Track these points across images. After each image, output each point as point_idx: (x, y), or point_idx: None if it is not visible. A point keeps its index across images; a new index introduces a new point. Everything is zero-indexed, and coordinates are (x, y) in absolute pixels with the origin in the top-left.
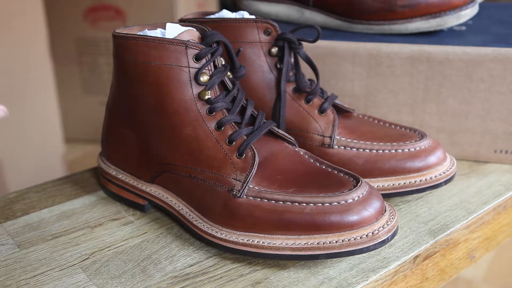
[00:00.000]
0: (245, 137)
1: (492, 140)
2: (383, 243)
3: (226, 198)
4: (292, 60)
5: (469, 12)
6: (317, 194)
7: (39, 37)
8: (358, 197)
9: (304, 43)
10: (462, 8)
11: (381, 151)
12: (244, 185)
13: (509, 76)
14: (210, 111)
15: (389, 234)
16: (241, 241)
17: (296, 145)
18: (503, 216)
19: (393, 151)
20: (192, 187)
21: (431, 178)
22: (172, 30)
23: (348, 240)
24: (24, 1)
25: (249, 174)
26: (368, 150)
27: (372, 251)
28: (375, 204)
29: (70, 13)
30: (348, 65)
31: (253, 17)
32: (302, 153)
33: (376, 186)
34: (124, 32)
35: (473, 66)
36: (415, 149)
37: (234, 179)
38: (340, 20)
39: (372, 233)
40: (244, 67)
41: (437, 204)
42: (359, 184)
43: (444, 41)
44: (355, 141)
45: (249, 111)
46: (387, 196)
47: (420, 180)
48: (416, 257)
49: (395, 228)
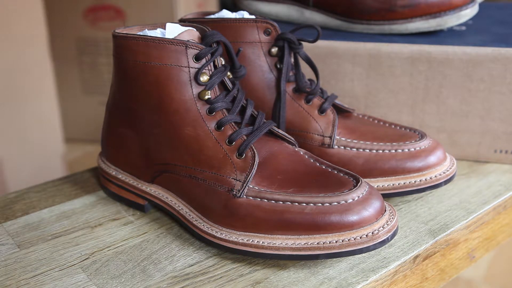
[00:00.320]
0: (245, 137)
1: (492, 140)
2: (383, 243)
3: (226, 198)
4: (292, 60)
5: (469, 12)
6: (317, 194)
7: (39, 37)
8: (358, 197)
9: (304, 43)
10: (462, 8)
11: (381, 151)
12: (244, 185)
13: (509, 76)
14: (210, 111)
15: (389, 234)
16: (241, 241)
17: (296, 145)
18: (503, 216)
19: (393, 151)
20: (192, 187)
21: (431, 178)
22: (172, 30)
23: (348, 240)
24: (24, 1)
25: (249, 174)
26: (368, 150)
27: (372, 251)
28: (375, 204)
29: (70, 13)
30: (348, 65)
31: (253, 17)
32: (302, 153)
33: (376, 186)
34: (124, 32)
35: (473, 66)
36: (415, 149)
37: (234, 179)
38: (340, 20)
39: (372, 233)
40: (244, 67)
41: (437, 204)
42: (359, 184)
43: (444, 41)
44: (355, 141)
45: (249, 111)
46: (387, 196)
47: (420, 180)
48: (416, 257)
49: (395, 228)
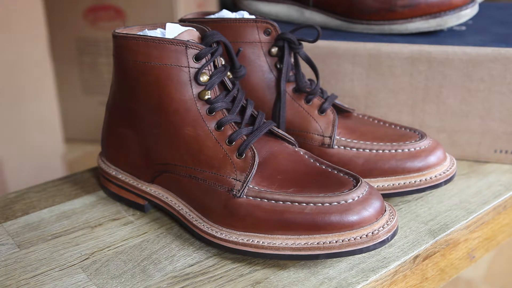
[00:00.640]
0: (245, 137)
1: (492, 140)
2: (383, 243)
3: (226, 198)
4: (292, 60)
5: (469, 12)
6: (317, 194)
7: (39, 37)
8: (358, 197)
9: (304, 43)
10: (462, 8)
11: (381, 151)
12: (244, 185)
13: (509, 76)
14: (210, 111)
15: (389, 234)
16: (241, 241)
17: (296, 145)
18: (503, 216)
19: (393, 151)
20: (192, 187)
21: (431, 178)
22: (172, 30)
23: (348, 240)
24: (24, 1)
25: (249, 174)
26: (368, 150)
27: (372, 251)
28: (375, 204)
29: (70, 13)
30: (348, 65)
31: (253, 17)
32: (302, 153)
33: (376, 186)
34: (124, 32)
35: (473, 66)
36: (415, 149)
37: (234, 179)
38: (340, 20)
39: (372, 233)
40: (244, 67)
41: (437, 204)
42: (359, 184)
43: (444, 41)
44: (355, 141)
45: (249, 111)
46: (387, 196)
47: (420, 180)
48: (416, 257)
49: (395, 228)
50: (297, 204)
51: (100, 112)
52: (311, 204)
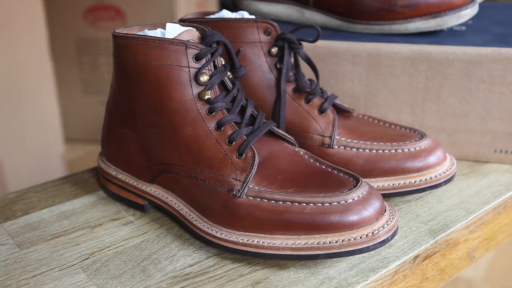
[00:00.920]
0: (245, 137)
1: (492, 140)
2: (383, 243)
3: (226, 198)
4: (292, 60)
5: (469, 12)
6: (317, 194)
7: (39, 37)
8: (358, 197)
9: (304, 43)
10: (462, 8)
11: (381, 151)
12: (244, 185)
13: (509, 76)
14: (210, 111)
15: (389, 234)
16: (241, 241)
17: (296, 145)
18: (503, 216)
19: (393, 151)
20: (192, 187)
21: (431, 178)
22: (172, 30)
23: (348, 240)
24: (24, 1)
25: (249, 174)
26: (368, 150)
27: (372, 251)
28: (375, 204)
29: (70, 13)
30: (348, 65)
31: (253, 17)
32: (302, 153)
33: (376, 186)
34: (124, 32)
35: (473, 66)
36: (415, 149)
37: (234, 179)
38: (340, 20)
39: (372, 233)
40: (244, 67)
41: (437, 204)
42: (359, 184)
43: (444, 41)
44: (355, 141)
45: (249, 111)
46: (387, 196)
47: (420, 180)
48: (416, 257)
49: (395, 228)
50: (297, 204)
51: (100, 112)
52: (311, 204)
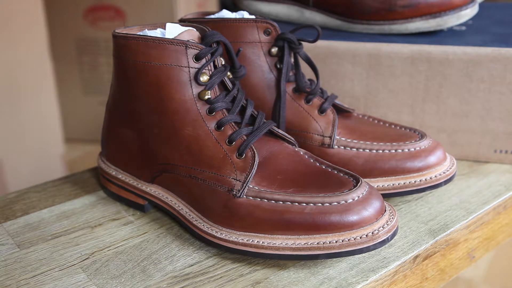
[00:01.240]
0: (245, 137)
1: (492, 140)
2: (383, 243)
3: (226, 198)
4: (292, 60)
5: (469, 12)
6: (317, 194)
7: (39, 37)
8: (358, 197)
9: (304, 43)
10: (462, 8)
11: (381, 151)
12: (244, 185)
13: (509, 76)
14: (210, 111)
15: (389, 234)
16: (241, 241)
17: (296, 145)
18: (503, 216)
19: (393, 151)
20: (192, 187)
21: (431, 178)
22: (172, 30)
23: (348, 240)
24: (24, 1)
25: (249, 174)
26: (368, 150)
27: (372, 251)
28: (375, 204)
29: (70, 13)
30: (348, 65)
31: (253, 17)
32: (302, 153)
33: (376, 186)
34: (124, 32)
35: (473, 66)
36: (415, 149)
37: (234, 179)
38: (340, 20)
39: (372, 233)
40: (244, 67)
41: (437, 204)
42: (359, 184)
43: (444, 41)
44: (355, 141)
45: (249, 111)
46: (387, 196)
47: (420, 180)
48: (416, 257)
49: (395, 228)
50: (297, 204)
51: (100, 112)
52: (311, 204)
